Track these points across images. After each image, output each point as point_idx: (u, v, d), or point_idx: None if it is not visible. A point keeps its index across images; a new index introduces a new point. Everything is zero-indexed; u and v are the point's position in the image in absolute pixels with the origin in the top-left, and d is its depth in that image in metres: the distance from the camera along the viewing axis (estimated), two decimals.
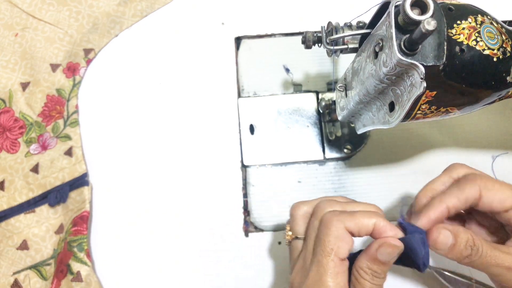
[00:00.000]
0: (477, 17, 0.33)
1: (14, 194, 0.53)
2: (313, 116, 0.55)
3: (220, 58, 0.57)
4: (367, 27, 0.38)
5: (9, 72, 0.57)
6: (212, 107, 0.55)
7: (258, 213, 0.52)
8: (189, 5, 0.59)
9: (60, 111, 0.55)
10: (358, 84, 0.39)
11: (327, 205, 0.37)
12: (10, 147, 0.55)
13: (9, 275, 0.51)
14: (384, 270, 0.34)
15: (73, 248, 0.49)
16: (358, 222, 0.34)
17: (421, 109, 0.34)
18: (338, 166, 0.54)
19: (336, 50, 0.41)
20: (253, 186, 0.53)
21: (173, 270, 0.50)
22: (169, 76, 0.56)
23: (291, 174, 0.54)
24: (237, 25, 0.58)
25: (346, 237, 0.34)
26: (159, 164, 0.54)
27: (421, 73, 0.31)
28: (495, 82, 0.34)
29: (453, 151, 0.54)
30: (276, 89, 0.56)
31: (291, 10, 0.58)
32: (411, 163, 0.54)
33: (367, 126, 0.42)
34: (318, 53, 0.53)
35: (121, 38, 0.58)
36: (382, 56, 0.33)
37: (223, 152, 0.54)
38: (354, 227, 0.34)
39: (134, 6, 0.58)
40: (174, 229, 0.52)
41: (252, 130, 0.55)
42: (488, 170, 0.53)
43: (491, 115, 0.55)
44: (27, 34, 0.57)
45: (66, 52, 0.57)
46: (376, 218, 0.34)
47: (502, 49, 0.33)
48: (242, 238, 0.51)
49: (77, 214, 0.51)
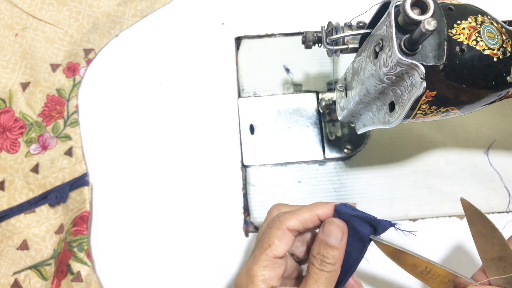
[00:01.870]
0: (477, 17, 0.33)
1: (14, 194, 0.53)
2: (313, 116, 0.55)
3: (220, 58, 0.57)
4: (367, 27, 0.38)
5: (9, 72, 0.57)
6: (212, 107, 0.55)
7: (258, 213, 0.52)
8: (189, 5, 0.59)
9: (60, 111, 0.55)
10: (358, 84, 0.39)
11: (275, 209, 0.39)
12: (10, 147, 0.55)
13: (9, 275, 0.51)
14: (333, 255, 0.34)
15: (73, 248, 0.49)
16: (300, 218, 0.35)
17: (421, 109, 0.34)
18: (338, 166, 0.54)
19: (336, 50, 0.41)
20: (253, 186, 0.53)
21: (173, 270, 0.50)
22: (169, 76, 0.56)
23: (291, 174, 0.54)
24: (237, 25, 0.58)
25: (285, 237, 0.35)
26: (159, 164, 0.54)
27: (421, 73, 0.31)
28: (495, 82, 0.34)
29: (453, 151, 0.54)
30: (276, 89, 0.57)
31: (291, 10, 0.58)
32: (411, 163, 0.54)
33: (367, 126, 0.42)
34: (318, 53, 0.53)
35: (121, 38, 0.58)
36: (382, 56, 0.33)
37: (223, 152, 0.54)
38: (296, 224, 0.35)
39: (134, 6, 0.58)
40: (174, 229, 0.52)
41: (252, 130, 0.55)
42: (488, 168, 0.53)
43: (491, 115, 0.55)
44: (27, 34, 0.57)
45: (66, 52, 0.57)
46: (319, 208, 0.36)
47: (502, 49, 0.33)
48: (242, 238, 0.51)
49: (77, 214, 0.51)
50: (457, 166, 0.54)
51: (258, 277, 0.34)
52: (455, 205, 0.52)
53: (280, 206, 0.39)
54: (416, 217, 0.52)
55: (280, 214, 0.36)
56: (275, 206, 0.40)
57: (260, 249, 0.35)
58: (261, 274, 0.34)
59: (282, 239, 0.35)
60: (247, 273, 0.35)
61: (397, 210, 0.52)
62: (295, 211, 0.36)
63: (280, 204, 0.40)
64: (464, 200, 0.34)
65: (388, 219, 0.51)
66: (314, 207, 0.36)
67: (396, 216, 0.52)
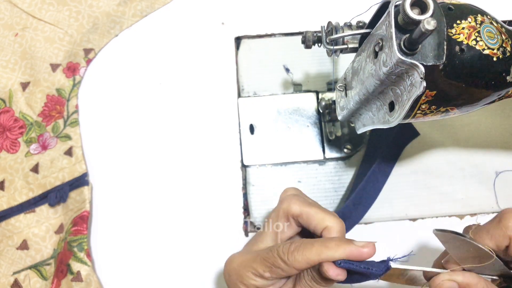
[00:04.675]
0: (477, 17, 0.33)
1: (14, 194, 0.53)
2: (313, 116, 0.55)
3: (220, 58, 0.57)
4: (367, 27, 0.38)
5: (9, 72, 0.57)
6: (212, 107, 0.55)
7: (258, 213, 0.52)
8: (189, 5, 0.59)
9: (60, 111, 0.55)
10: (358, 84, 0.39)
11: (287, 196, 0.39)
12: (10, 147, 0.55)
13: (9, 275, 0.51)
14: (325, 282, 0.34)
15: (73, 248, 0.49)
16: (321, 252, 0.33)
17: (421, 108, 0.34)
18: (338, 166, 0.54)
19: (336, 50, 0.41)
20: (253, 186, 0.53)
21: (173, 270, 0.50)
22: (169, 76, 0.56)
23: (291, 174, 0.54)
24: (237, 25, 0.58)
25: None
26: (159, 164, 0.54)
27: (421, 73, 0.31)
28: (495, 81, 0.34)
29: (453, 151, 0.54)
30: (276, 89, 0.56)
31: (291, 10, 0.58)
32: (411, 163, 0.54)
33: (367, 125, 0.42)
34: (318, 53, 0.53)
35: (121, 38, 0.58)
36: (382, 55, 0.33)
37: (223, 152, 0.54)
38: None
39: (134, 6, 0.58)
40: (174, 229, 0.52)
41: (252, 130, 0.55)
42: (488, 168, 0.53)
43: (491, 115, 0.55)
44: (27, 34, 0.57)
45: (66, 52, 0.57)
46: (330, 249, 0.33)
47: (502, 48, 0.33)
48: (242, 238, 0.51)
49: (77, 214, 0.51)
50: (457, 166, 0.53)
51: None
52: (455, 205, 0.52)
53: (290, 193, 0.39)
54: (416, 217, 0.52)
55: (292, 246, 0.34)
56: (287, 191, 0.40)
57: (262, 262, 0.35)
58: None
59: (285, 273, 0.34)
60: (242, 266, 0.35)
61: (397, 210, 0.52)
62: (304, 251, 0.33)
63: (292, 191, 0.40)
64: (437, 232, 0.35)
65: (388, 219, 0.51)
66: (325, 250, 0.33)
67: (396, 216, 0.52)
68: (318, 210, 0.36)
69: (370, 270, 0.33)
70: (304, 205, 0.37)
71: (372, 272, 0.33)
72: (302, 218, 0.37)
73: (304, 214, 0.37)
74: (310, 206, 0.37)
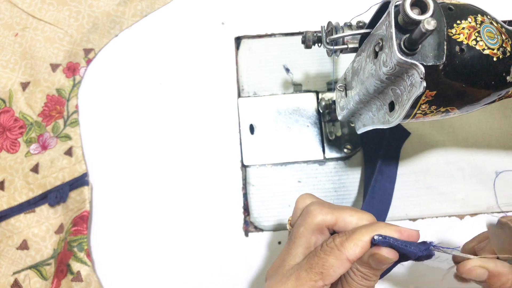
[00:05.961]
0: (477, 17, 0.33)
1: (14, 194, 0.53)
2: (313, 116, 0.55)
3: (220, 58, 0.57)
4: (367, 27, 0.38)
5: (9, 72, 0.57)
6: (212, 107, 0.55)
7: (258, 213, 0.52)
8: (189, 5, 0.59)
9: (60, 111, 0.55)
10: (358, 84, 0.39)
11: (306, 201, 0.37)
12: (10, 147, 0.55)
13: (9, 275, 0.51)
14: (375, 273, 0.33)
15: (73, 248, 0.49)
16: (363, 244, 0.32)
17: (421, 108, 0.34)
18: (338, 166, 0.54)
19: (336, 50, 0.41)
20: (253, 186, 0.53)
21: (173, 270, 0.50)
22: (169, 76, 0.56)
23: (291, 174, 0.54)
24: (237, 25, 0.58)
25: (342, 268, 0.32)
26: (159, 164, 0.54)
27: (421, 73, 0.31)
28: (495, 81, 0.34)
29: (453, 151, 0.54)
30: (276, 89, 0.57)
31: (291, 10, 0.58)
32: (411, 163, 0.54)
33: (367, 126, 0.42)
34: (318, 53, 0.53)
35: (121, 38, 0.58)
36: (382, 55, 0.33)
37: (223, 152, 0.54)
38: (359, 252, 0.32)
39: (134, 6, 0.58)
40: (174, 229, 0.52)
41: (252, 130, 0.55)
42: (488, 168, 0.53)
43: (491, 115, 0.55)
44: (27, 34, 0.57)
45: (66, 52, 0.57)
46: (380, 229, 0.32)
47: (502, 48, 0.33)
48: (242, 238, 0.51)
49: (77, 214, 0.51)
50: (457, 166, 0.53)
51: None
52: (455, 205, 0.52)
53: (312, 202, 0.36)
54: (416, 217, 0.52)
55: (337, 238, 0.33)
56: (306, 199, 0.37)
57: (308, 273, 0.32)
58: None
59: (338, 270, 0.32)
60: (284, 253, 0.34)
61: (397, 210, 0.52)
62: (353, 235, 0.32)
63: (311, 198, 0.37)
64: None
65: (388, 219, 0.51)
66: (376, 228, 0.32)
67: (396, 216, 0.52)
68: (350, 212, 0.34)
69: (411, 248, 0.31)
70: (335, 211, 0.35)
71: (411, 251, 0.31)
72: (338, 226, 0.34)
73: (340, 221, 0.34)
74: (340, 211, 0.35)
